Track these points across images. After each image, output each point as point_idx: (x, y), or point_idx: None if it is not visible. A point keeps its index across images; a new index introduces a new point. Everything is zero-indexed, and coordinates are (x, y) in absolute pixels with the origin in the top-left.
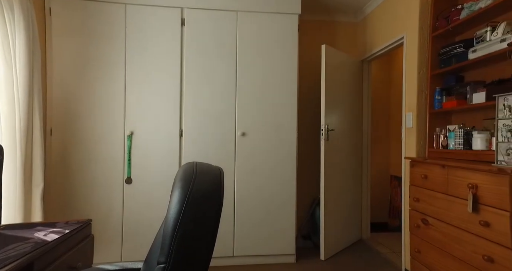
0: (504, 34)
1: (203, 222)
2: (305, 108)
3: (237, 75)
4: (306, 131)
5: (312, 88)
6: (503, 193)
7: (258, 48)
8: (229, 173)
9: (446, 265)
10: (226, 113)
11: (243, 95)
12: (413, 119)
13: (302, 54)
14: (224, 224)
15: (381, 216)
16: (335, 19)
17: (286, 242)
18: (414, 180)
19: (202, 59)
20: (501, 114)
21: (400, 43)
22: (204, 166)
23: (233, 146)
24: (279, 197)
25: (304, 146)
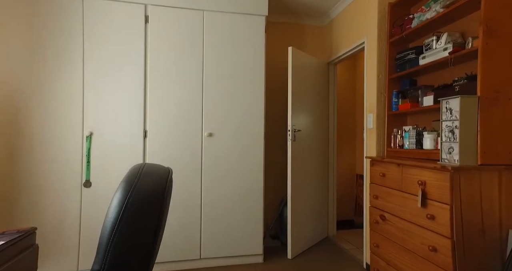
0: (446, 44)
1: (143, 226)
2: (272, 109)
3: (204, 75)
4: (274, 132)
5: (279, 90)
6: (445, 188)
7: (225, 48)
8: (196, 174)
9: (400, 257)
10: (193, 113)
11: (210, 95)
12: (374, 120)
13: (270, 56)
14: (191, 226)
15: (348, 213)
16: (303, 23)
17: (254, 243)
18: (374, 178)
19: (168, 58)
20: (445, 116)
21: (362, 47)
22: (151, 167)
23: (200, 147)
24: (247, 198)
25: (272, 146)
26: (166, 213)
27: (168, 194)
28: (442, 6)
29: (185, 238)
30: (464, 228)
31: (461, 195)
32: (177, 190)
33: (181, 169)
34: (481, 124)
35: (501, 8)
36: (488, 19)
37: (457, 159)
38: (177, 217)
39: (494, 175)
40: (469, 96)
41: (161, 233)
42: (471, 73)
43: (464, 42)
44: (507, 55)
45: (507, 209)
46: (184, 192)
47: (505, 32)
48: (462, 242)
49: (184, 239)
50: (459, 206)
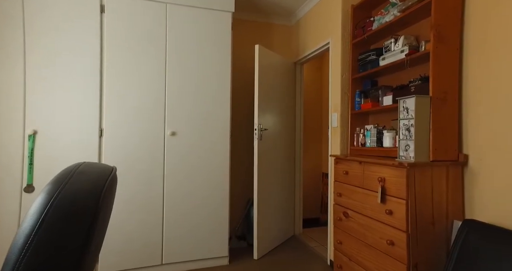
0: (403, 46)
1: (68, 239)
2: (239, 108)
3: (166, 71)
4: (240, 131)
5: (246, 88)
6: (402, 184)
7: (190, 44)
8: (158, 176)
9: (361, 252)
10: (154, 111)
11: (174, 92)
12: (338, 119)
13: (237, 54)
14: (152, 231)
15: (314, 211)
16: (270, 21)
17: (220, 245)
18: (338, 176)
19: (127, 52)
20: (402, 115)
21: (327, 48)
22: (90, 166)
23: (162, 146)
24: (212, 199)
25: (238, 145)
26: (103, 220)
27: (107, 196)
28: (398, 11)
29: (146, 243)
30: (417, 221)
31: (416, 190)
32: (137, 193)
33: (142, 170)
34: (433, 123)
35: (447, 15)
36: (438, 25)
37: (412, 156)
38: (137, 221)
39: (443, 170)
40: (423, 96)
41: (94, 248)
42: (424, 74)
43: (418, 45)
44: (453, 59)
45: (453, 201)
46: (145, 195)
47: (451, 38)
48: (415, 234)
49: (144, 245)
50: (414, 200)
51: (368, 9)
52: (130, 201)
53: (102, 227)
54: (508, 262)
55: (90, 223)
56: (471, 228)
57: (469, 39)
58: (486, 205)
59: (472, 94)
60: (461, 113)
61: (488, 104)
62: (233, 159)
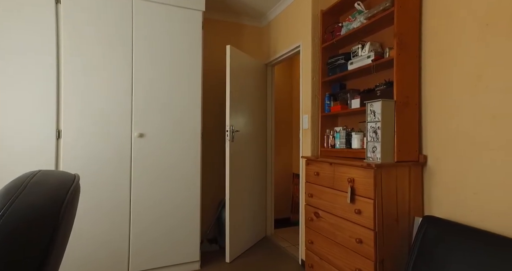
0: (369, 52)
1: (20, 258)
2: (210, 109)
3: (133, 70)
4: (212, 133)
5: (217, 89)
6: (370, 184)
7: (158, 42)
8: (124, 181)
9: (331, 251)
10: (120, 111)
11: (141, 92)
12: (309, 121)
13: (208, 54)
14: (118, 239)
15: (284, 211)
16: (242, 22)
17: (191, 249)
18: (309, 177)
19: (88, 48)
20: (369, 118)
21: (297, 51)
22: (47, 174)
23: (129, 149)
24: (183, 203)
25: (209, 147)
26: (64, 237)
27: (68, 211)
28: (365, 18)
29: (111, 253)
30: (384, 219)
31: (382, 190)
32: (101, 200)
33: (107, 176)
34: (397, 125)
35: (408, 25)
36: (400, 33)
37: (379, 157)
38: (101, 230)
39: (405, 170)
40: (388, 100)
41: (52, 268)
42: (389, 79)
43: (383, 52)
44: (413, 65)
45: (414, 199)
46: (110, 202)
47: (411, 46)
48: (382, 232)
49: (109, 254)
50: (381, 200)
51: (337, 14)
52: (93, 209)
53: (62, 244)
54: (459, 251)
55: (47, 243)
56: (430, 223)
57: (426, 48)
58: (441, 202)
59: (429, 100)
60: (421, 116)
61: (442, 109)
62: (204, 160)
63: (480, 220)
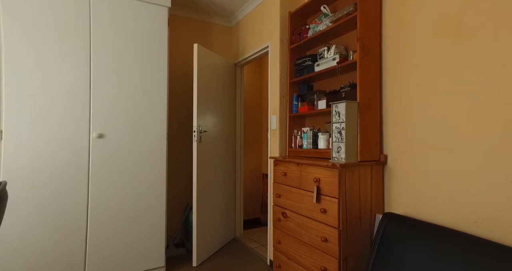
0: (335, 54)
1: None
2: (177, 109)
3: (91, 67)
4: (179, 133)
5: (185, 89)
6: (334, 184)
7: (120, 38)
8: (81, 185)
9: (298, 250)
10: (76, 109)
11: (101, 90)
12: (277, 122)
13: (175, 52)
14: (72, 251)
15: (254, 212)
16: (210, 21)
17: (155, 255)
18: (277, 177)
19: (35, 39)
20: (334, 119)
21: (266, 51)
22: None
23: (86, 151)
24: (147, 207)
25: (177, 148)
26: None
27: None
28: (330, 21)
29: (65, 266)
30: (347, 218)
31: (346, 189)
32: (52, 209)
33: (59, 182)
34: (360, 126)
35: (369, 29)
36: (362, 38)
37: (343, 157)
38: (52, 243)
39: (368, 170)
40: (352, 102)
41: None
42: (353, 81)
43: (347, 54)
44: (375, 69)
45: (375, 197)
46: (62, 210)
47: (373, 50)
48: (346, 230)
49: (63, 267)
50: (345, 199)
51: (304, 16)
52: (42, 219)
53: None
54: (413, 245)
55: None
56: (389, 220)
57: (386, 53)
58: (400, 199)
59: (388, 102)
60: (382, 118)
61: (399, 111)
62: (171, 162)
63: (434, 215)
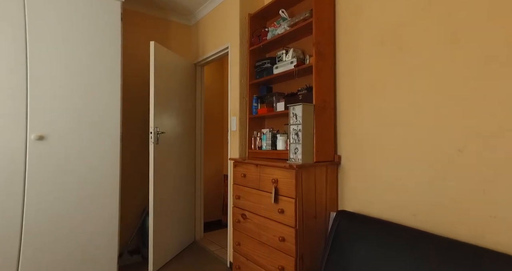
0: (292, 58)
1: None
2: (133, 109)
3: (28, 59)
4: (134, 134)
5: (141, 88)
6: (291, 184)
7: (64, 31)
8: (14, 192)
9: (257, 251)
10: (10, 108)
11: (41, 87)
12: (237, 123)
13: (133, 49)
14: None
15: (216, 213)
16: (169, 18)
17: (106, 265)
18: (236, 179)
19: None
20: (292, 121)
21: (226, 52)
22: None
23: (22, 155)
24: (97, 215)
25: (132, 150)
26: None
27: None
28: (288, 25)
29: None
30: (303, 217)
31: (303, 189)
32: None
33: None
34: (316, 128)
35: (324, 35)
36: (318, 43)
37: (300, 158)
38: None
39: (323, 170)
40: (308, 104)
41: None
42: (309, 85)
43: (304, 58)
44: (330, 73)
45: (330, 196)
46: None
47: (328, 55)
48: (302, 229)
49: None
50: (301, 199)
51: (264, 19)
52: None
53: None
54: (362, 240)
55: None
56: (342, 217)
57: (339, 58)
58: (352, 197)
59: (342, 105)
60: (336, 120)
61: (351, 113)
62: (127, 165)
63: (380, 211)
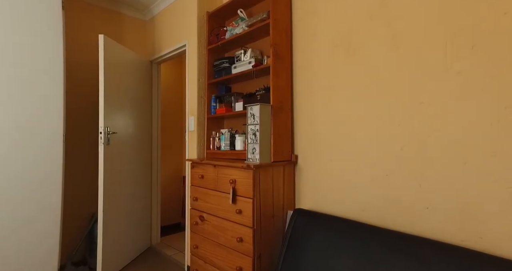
0: (251, 58)
1: None
2: (80, 107)
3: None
4: (81, 134)
5: (91, 85)
6: (249, 184)
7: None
8: None
9: (215, 253)
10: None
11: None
12: (195, 123)
13: (79, 43)
14: None
15: (175, 217)
16: (121, 11)
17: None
18: (194, 180)
19: None
20: (250, 121)
21: (184, 50)
22: None
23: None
24: (33, 224)
25: (78, 151)
26: None
27: None
28: (246, 25)
29: None
30: (261, 217)
31: (260, 189)
32: None
33: None
34: (273, 128)
35: (281, 37)
36: (275, 44)
37: (258, 158)
38: None
39: (280, 169)
40: (265, 105)
41: None
42: (267, 85)
43: (262, 59)
44: (287, 74)
45: (288, 195)
46: None
47: (285, 56)
48: (259, 229)
49: None
50: (259, 198)
51: (222, 18)
52: None
53: None
54: (317, 235)
55: None
56: (298, 215)
57: (296, 60)
58: (308, 195)
59: (299, 105)
60: (293, 120)
61: (307, 114)
62: (73, 168)
63: (333, 208)
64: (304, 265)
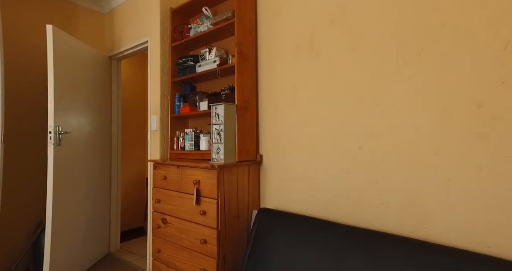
0: (215, 57)
1: None
2: (32, 105)
3: None
4: (27, 134)
5: (40, 80)
6: (213, 185)
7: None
8: None
9: (178, 256)
10: None
11: None
12: (158, 122)
13: (24, 34)
14: None
15: (137, 221)
16: (75, 2)
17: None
18: (156, 181)
19: None
20: (214, 120)
21: (146, 46)
22: None
23: None
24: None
25: (27, 152)
26: None
27: None
28: (211, 24)
29: None
30: (226, 217)
31: (225, 189)
32: None
33: None
34: (238, 128)
35: (246, 36)
36: (240, 43)
37: (222, 158)
38: None
39: (245, 169)
40: (230, 104)
41: None
42: (232, 84)
43: (227, 58)
44: (252, 74)
45: (252, 195)
46: None
47: (250, 56)
48: (224, 229)
49: None
50: (223, 199)
51: (186, 15)
52: None
53: None
54: (281, 233)
55: None
56: (263, 214)
57: (261, 61)
58: (273, 194)
59: (264, 105)
60: (258, 120)
61: (271, 114)
62: (15, 171)
63: (297, 206)
64: (269, 263)
